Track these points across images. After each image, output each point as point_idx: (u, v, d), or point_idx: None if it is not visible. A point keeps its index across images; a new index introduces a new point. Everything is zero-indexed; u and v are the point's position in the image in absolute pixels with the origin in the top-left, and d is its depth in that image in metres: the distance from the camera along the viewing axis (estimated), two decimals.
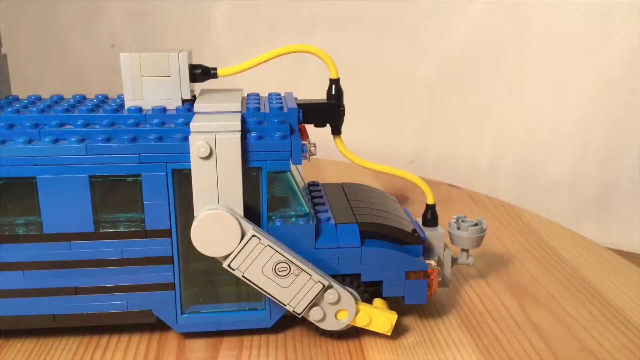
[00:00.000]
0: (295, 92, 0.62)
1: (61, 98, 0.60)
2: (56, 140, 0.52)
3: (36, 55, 1.23)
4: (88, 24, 1.22)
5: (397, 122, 1.16)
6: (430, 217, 0.62)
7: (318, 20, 1.14)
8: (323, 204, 0.62)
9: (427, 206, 0.62)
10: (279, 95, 0.62)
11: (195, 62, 0.58)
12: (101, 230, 0.54)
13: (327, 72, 0.58)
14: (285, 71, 1.03)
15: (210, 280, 0.59)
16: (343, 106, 0.59)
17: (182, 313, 0.56)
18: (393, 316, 0.56)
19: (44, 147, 0.51)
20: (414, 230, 0.59)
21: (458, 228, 0.62)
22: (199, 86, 0.59)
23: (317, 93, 0.61)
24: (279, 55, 0.57)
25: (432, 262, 0.59)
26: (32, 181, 0.52)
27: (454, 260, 0.63)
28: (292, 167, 0.56)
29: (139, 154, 0.52)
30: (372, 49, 1.13)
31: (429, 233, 0.61)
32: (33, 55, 1.22)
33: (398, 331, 0.58)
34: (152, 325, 0.58)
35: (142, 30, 1.22)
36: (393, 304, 0.58)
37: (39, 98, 0.60)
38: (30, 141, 0.52)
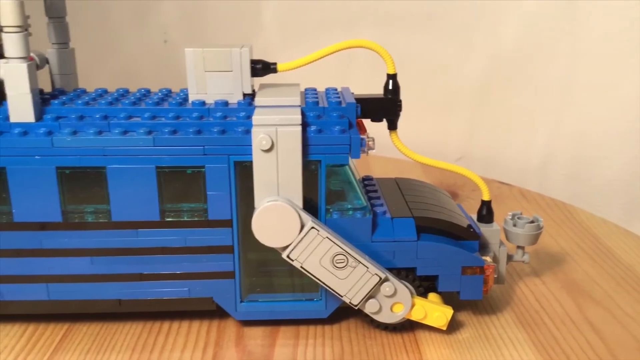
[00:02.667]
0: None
1: (127, 91, 0.62)
2: (125, 132, 0.54)
3: (90, 51, 1.26)
4: (141, 20, 1.25)
5: (447, 119, 1.15)
6: (486, 213, 0.62)
7: (366, 16, 1.15)
8: (378, 197, 0.62)
9: (483, 202, 0.62)
10: (336, 89, 0.63)
11: None
12: (166, 219, 0.55)
13: (371, 69, 0.58)
14: (330, 68, 1.03)
15: (268, 270, 0.60)
16: (400, 101, 0.60)
17: (241, 301, 0.58)
18: (449, 311, 0.57)
19: (113, 139, 0.53)
20: (470, 226, 0.59)
21: (514, 225, 0.62)
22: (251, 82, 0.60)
23: (363, 89, 0.62)
24: (338, 50, 0.58)
25: (488, 259, 0.59)
26: (102, 171, 0.54)
27: (509, 257, 0.62)
28: (350, 161, 0.56)
29: (204, 146, 0.54)
30: (421, 45, 1.13)
31: (484, 229, 0.61)
32: (87, 51, 1.25)
33: (452, 326, 0.59)
34: (211, 312, 0.59)
35: (193, 26, 1.24)
36: (446, 298, 0.59)
37: (106, 91, 0.62)
38: (100, 132, 0.54)
